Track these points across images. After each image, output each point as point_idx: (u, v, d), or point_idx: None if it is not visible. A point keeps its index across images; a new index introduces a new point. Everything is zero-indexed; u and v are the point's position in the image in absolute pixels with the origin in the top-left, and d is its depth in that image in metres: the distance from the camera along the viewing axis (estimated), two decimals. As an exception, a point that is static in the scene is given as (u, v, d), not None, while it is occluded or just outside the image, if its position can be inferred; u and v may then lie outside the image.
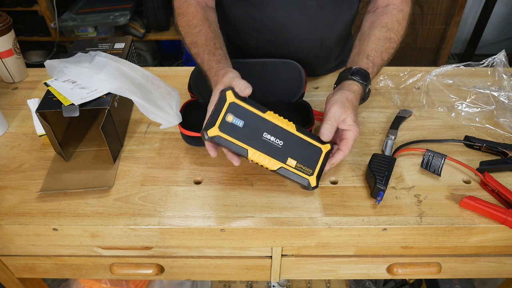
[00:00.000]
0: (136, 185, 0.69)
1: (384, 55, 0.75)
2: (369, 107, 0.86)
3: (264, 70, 0.81)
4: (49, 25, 2.23)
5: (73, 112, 0.66)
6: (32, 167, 0.72)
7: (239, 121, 0.60)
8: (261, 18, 0.84)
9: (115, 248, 0.71)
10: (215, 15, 0.83)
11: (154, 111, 0.70)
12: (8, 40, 0.89)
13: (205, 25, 0.75)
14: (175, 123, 0.72)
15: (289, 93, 0.81)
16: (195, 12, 0.77)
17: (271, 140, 0.62)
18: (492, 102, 0.84)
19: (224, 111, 0.59)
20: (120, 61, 0.73)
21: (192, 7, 0.78)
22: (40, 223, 0.63)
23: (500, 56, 0.84)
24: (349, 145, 0.64)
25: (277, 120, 0.63)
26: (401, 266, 0.75)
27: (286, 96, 0.81)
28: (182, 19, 0.79)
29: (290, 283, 1.32)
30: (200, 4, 0.80)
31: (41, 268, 0.76)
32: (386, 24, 0.76)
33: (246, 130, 0.60)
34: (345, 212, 0.64)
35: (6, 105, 0.87)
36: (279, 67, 0.81)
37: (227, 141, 0.59)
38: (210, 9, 0.82)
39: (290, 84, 0.81)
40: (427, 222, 0.63)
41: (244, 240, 0.65)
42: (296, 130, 0.64)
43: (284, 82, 0.81)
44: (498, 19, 2.57)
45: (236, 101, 0.60)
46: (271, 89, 0.81)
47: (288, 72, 0.82)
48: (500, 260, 0.75)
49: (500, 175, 0.70)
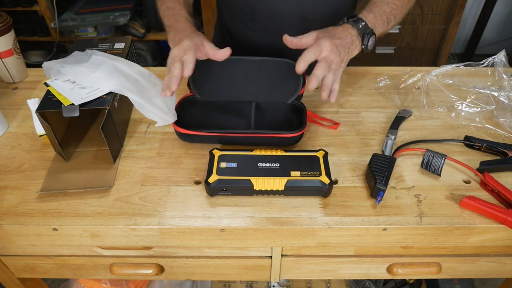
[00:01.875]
0: (136, 185, 0.69)
1: (385, 8, 0.78)
2: (369, 107, 0.87)
3: (261, 68, 0.80)
4: (49, 25, 2.23)
5: (73, 112, 0.66)
6: (32, 167, 0.72)
7: (232, 164, 0.68)
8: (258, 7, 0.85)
9: (115, 248, 0.71)
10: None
11: (150, 109, 0.70)
12: (8, 40, 0.89)
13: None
14: (171, 121, 0.72)
15: (286, 93, 0.80)
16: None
17: (267, 166, 0.67)
18: (492, 102, 0.84)
19: (216, 162, 0.68)
20: (116, 59, 0.73)
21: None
22: (40, 223, 0.63)
23: (500, 56, 0.84)
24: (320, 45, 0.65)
25: (265, 152, 0.70)
26: (401, 266, 0.75)
27: (282, 97, 0.81)
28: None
29: (290, 283, 1.32)
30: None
31: (41, 268, 0.76)
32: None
33: (242, 167, 0.67)
34: (345, 212, 0.64)
35: (6, 105, 0.87)
36: (278, 66, 0.81)
37: (228, 179, 0.65)
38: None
39: (287, 84, 0.80)
40: (427, 222, 0.63)
41: (244, 240, 0.65)
42: (285, 152, 0.70)
43: (282, 82, 0.81)
44: (498, 19, 2.57)
45: (223, 153, 0.69)
46: (267, 89, 0.81)
47: (286, 72, 0.81)
48: (500, 260, 0.75)
49: (500, 175, 0.70)
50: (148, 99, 0.70)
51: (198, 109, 0.80)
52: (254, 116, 0.78)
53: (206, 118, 0.79)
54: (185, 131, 0.73)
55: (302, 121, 0.76)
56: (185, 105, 0.80)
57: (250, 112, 0.79)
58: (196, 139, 0.75)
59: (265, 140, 0.73)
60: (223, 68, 0.78)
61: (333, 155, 0.74)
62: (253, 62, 0.81)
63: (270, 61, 0.80)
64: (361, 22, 0.74)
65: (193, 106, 0.80)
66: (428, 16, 2.28)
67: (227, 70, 0.79)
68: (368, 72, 0.97)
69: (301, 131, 0.73)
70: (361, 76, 0.96)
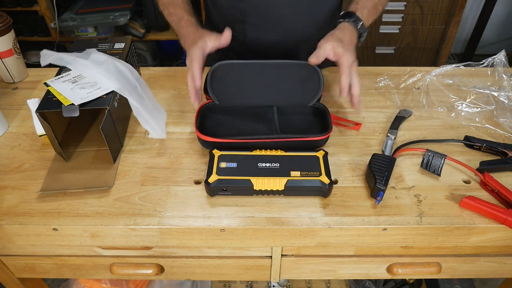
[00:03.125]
0: (136, 185, 0.69)
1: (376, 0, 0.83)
2: (369, 107, 0.87)
3: (280, 72, 0.79)
4: (49, 25, 2.23)
5: (73, 112, 0.66)
6: (32, 167, 0.72)
7: (232, 164, 0.67)
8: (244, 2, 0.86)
9: (115, 248, 0.71)
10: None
11: (147, 118, 0.72)
12: (8, 40, 0.89)
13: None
14: (163, 136, 0.76)
15: (306, 96, 0.79)
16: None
17: (267, 166, 0.67)
18: (492, 102, 0.84)
19: (215, 162, 0.67)
20: (117, 60, 0.74)
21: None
22: (40, 223, 0.63)
23: (500, 56, 0.84)
24: (344, 67, 0.70)
25: (265, 152, 0.69)
26: (401, 266, 0.75)
27: (303, 99, 0.79)
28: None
29: (290, 283, 1.32)
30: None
31: (41, 268, 0.76)
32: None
33: (242, 167, 0.67)
34: (345, 212, 0.64)
35: (6, 105, 0.87)
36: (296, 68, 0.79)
37: (228, 179, 0.65)
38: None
39: (307, 86, 0.78)
40: (427, 222, 0.63)
41: (244, 240, 0.65)
42: (285, 152, 0.70)
43: (302, 85, 0.79)
44: (498, 19, 2.57)
45: (223, 153, 0.69)
46: (287, 92, 0.79)
47: (305, 75, 0.79)
48: (500, 260, 0.75)
49: (500, 175, 0.70)
50: (146, 107, 0.71)
51: (219, 115, 0.79)
52: (278, 120, 0.78)
53: (229, 124, 0.77)
54: (211, 139, 0.70)
55: (326, 123, 0.75)
56: (205, 111, 0.78)
57: (274, 117, 0.78)
58: (221, 146, 0.72)
59: (293, 144, 0.72)
60: (241, 73, 0.77)
61: (333, 155, 0.74)
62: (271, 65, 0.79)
63: (288, 64, 0.79)
64: (359, 22, 0.77)
65: (213, 112, 0.79)
66: (428, 16, 2.28)
67: (245, 75, 0.78)
68: (368, 72, 0.97)
69: (328, 133, 0.72)
70: (361, 76, 0.95)
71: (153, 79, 0.95)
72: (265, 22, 0.88)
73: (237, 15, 0.89)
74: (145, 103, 0.72)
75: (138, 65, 0.94)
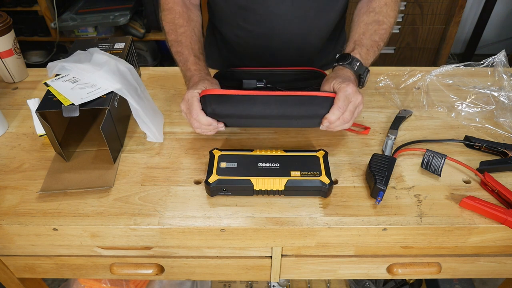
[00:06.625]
0: (136, 185, 0.69)
1: (375, 37, 0.79)
2: (369, 107, 0.87)
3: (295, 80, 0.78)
4: (49, 25, 2.23)
5: (73, 112, 0.66)
6: (32, 167, 0.72)
7: (232, 164, 0.67)
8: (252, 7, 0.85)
9: (115, 248, 0.71)
10: (198, 13, 0.87)
11: (145, 120, 0.72)
12: (8, 40, 0.89)
13: (190, 26, 0.82)
14: (160, 140, 0.76)
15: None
16: (181, 11, 0.83)
17: (267, 166, 0.67)
18: (492, 102, 0.84)
19: (216, 162, 0.68)
20: (118, 60, 0.74)
21: (178, 5, 0.83)
22: (40, 223, 0.63)
23: (500, 56, 0.84)
24: (338, 100, 0.66)
25: (265, 152, 0.70)
26: (401, 266, 0.75)
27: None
28: (167, 15, 0.84)
29: (290, 283, 1.32)
30: (184, 2, 0.85)
31: (41, 268, 0.76)
32: (374, 9, 0.80)
33: (242, 167, 0.67)
34: (345, 212, 0.64)
35: (6, 105, 0.87)
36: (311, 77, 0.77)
37: (228, 179, 0.65)
38: (195, 7, 0.87)
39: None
40: (427, 222, 0.63)
41: (244, 240, 0.65)
42: (285, 152, 0.70)
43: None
44: (498, 19, 2.57)
45: (223, 153, 0.69)
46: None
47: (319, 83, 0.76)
48: (500, 260, 0.75)
49: (500, 175, 0.70)
50: (145, 110, 0.71)
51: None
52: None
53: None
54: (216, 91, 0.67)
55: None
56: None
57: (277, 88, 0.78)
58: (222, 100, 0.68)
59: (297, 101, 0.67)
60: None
61: (333, 155, 0.74)
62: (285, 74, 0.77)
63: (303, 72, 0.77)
64: (356, 63, 0.74)
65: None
66: (428, 16, 2.28)
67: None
68: (368, 72, 0.97)
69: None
70: (361, 76, 0.96)
71: (153, 79, 0.95)
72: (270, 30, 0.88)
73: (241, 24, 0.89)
74: (144, 105, 0.72)
75: (138, 65, 0.94)
